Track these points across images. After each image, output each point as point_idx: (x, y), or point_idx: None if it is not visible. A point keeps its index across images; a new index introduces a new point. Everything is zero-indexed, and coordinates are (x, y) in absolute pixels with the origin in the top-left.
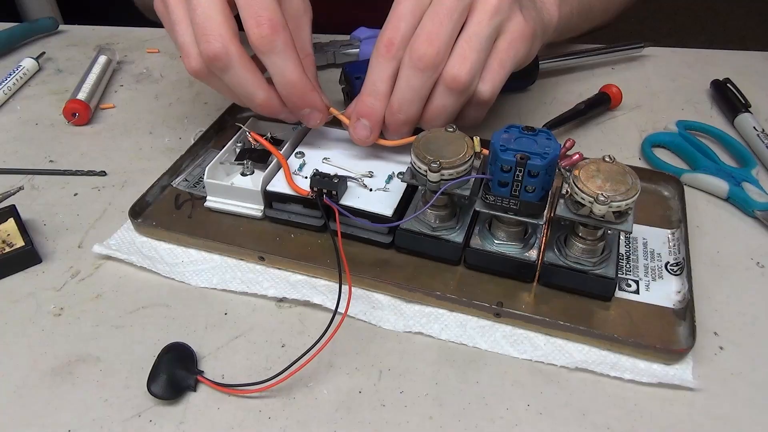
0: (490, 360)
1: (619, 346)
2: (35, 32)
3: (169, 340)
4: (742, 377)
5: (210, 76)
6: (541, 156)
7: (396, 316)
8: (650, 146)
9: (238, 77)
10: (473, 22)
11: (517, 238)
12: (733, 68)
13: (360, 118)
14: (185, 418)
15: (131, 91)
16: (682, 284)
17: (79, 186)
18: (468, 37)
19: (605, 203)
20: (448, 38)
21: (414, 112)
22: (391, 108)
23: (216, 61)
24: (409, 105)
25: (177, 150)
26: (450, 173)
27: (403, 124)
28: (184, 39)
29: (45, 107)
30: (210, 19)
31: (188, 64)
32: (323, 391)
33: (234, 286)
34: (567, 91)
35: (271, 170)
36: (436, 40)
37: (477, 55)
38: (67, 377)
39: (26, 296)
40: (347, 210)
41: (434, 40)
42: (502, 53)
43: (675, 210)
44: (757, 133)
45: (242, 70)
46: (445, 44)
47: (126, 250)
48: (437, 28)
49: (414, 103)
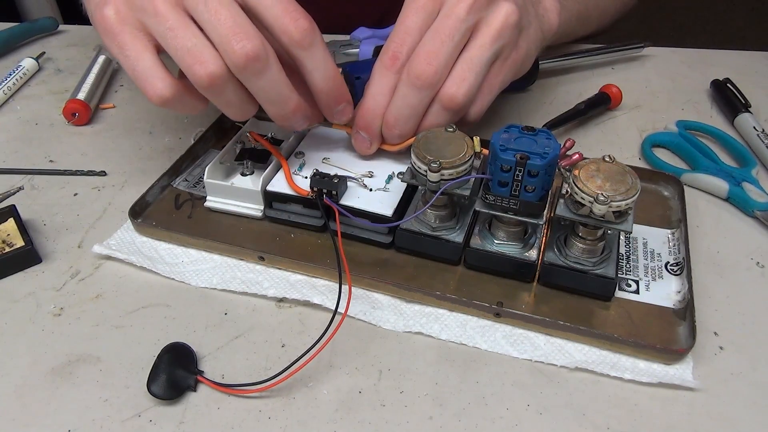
0: (490, 360)
1: (619, 346)
2: (35, 32)
3: (169, 340)
4: (742, 377)
5: (226, 84)
6: (541, 156)
7: (396, 316)
8: (650, 146)
9: (275, 79)
10: (475, 45)
11: (517, 238)
12: (733, 68)
13: (359, 131)
14: (185, 418)
15: (131, 91)
16: (682, 284)
17: (79, 186)
18: (469, 59)
19: (605, 203)
20: (447, 58)
21: (410, 128)
22: (386, 122)
23: (255, 62)
24: (405, 121)
25: (177, 150)
26: (450, 173)
27: (398, 138)
28: (193, 43)
29: (45, 107)
30: (241, 19)
31: (203, 70)
32: (323, 391)
33: (234, 286)
34: (567, 91)
35: (271, 170)
36: (435, 59)
37: (475, 78)
38: (67, 377)
39: (26, 296)
40: (347, 210)
41: (433, 60)
42: (492, 78)
43: (675, 210)
44: (757, 133)
45: (279, 71)
46: (444, 64)
47: (126, 250)
48: (438, 48)
49: (410, 119)
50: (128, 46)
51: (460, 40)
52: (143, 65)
